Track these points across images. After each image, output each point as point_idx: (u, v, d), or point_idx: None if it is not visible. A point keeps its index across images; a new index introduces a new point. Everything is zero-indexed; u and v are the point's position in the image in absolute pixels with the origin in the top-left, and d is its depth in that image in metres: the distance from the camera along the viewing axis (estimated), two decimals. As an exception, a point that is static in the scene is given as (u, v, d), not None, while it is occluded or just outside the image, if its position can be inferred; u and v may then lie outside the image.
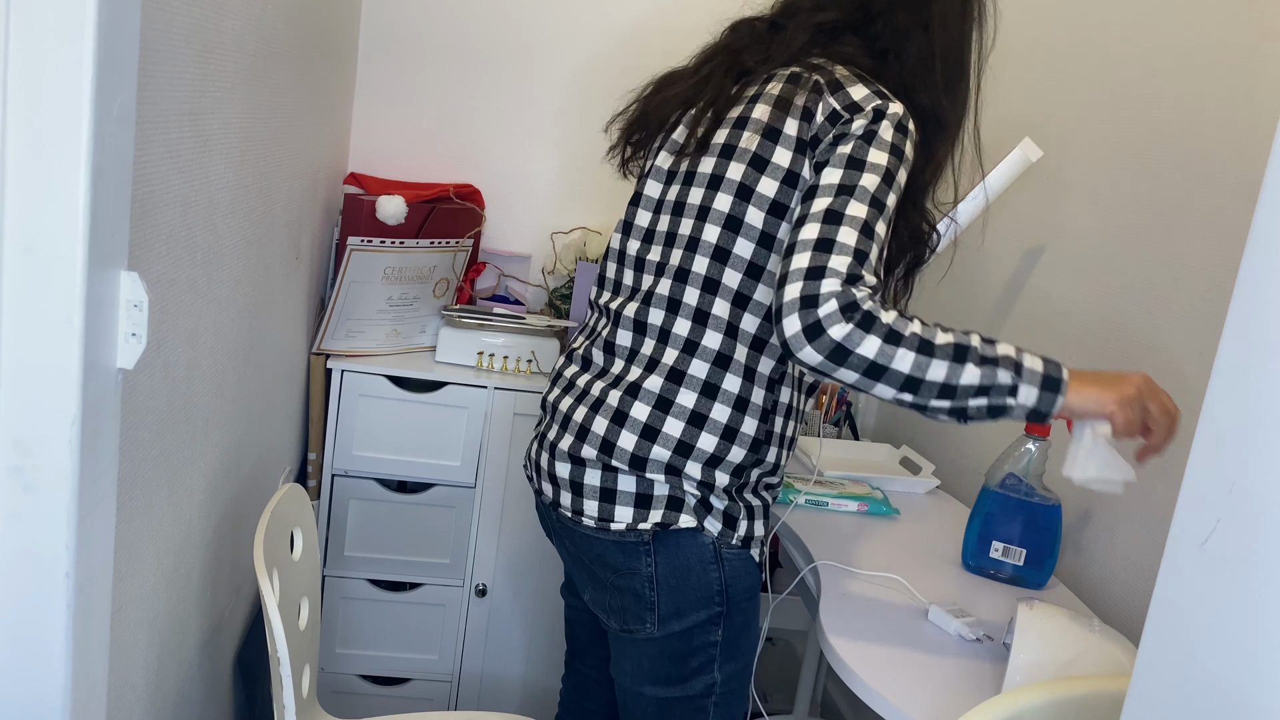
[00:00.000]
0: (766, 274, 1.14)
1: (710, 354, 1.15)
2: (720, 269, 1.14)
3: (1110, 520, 1.45)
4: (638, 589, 1.19)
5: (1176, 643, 0.61)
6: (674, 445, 1.15)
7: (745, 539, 1.20)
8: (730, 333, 1.15)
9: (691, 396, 1.16)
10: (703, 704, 1.22)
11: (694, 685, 1.21)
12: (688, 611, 1.19)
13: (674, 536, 1.17)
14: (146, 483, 1.04)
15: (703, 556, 1.17)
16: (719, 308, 1.15)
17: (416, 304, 1.99)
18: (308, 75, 1.60)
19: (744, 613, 1.22)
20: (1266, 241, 0.57)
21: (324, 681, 1.99)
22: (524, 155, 2.20)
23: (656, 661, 1.21)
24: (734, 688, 1.24)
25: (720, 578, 1.18)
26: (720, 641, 1.21)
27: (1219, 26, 1.35)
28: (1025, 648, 1.09)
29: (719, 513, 1.18)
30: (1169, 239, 1.41)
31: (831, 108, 1.11)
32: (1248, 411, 0.57)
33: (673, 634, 1.19)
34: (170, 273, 1.02)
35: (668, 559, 1.17)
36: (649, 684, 1.22)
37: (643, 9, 2.15)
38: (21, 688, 0.84)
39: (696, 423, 1.15)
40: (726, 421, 1.16)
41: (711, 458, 1.16)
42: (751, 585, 1.22)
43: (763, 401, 1.17)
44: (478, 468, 1.94)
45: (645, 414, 1.16)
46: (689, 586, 1.18)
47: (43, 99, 0.74)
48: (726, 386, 1.15)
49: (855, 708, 2.17)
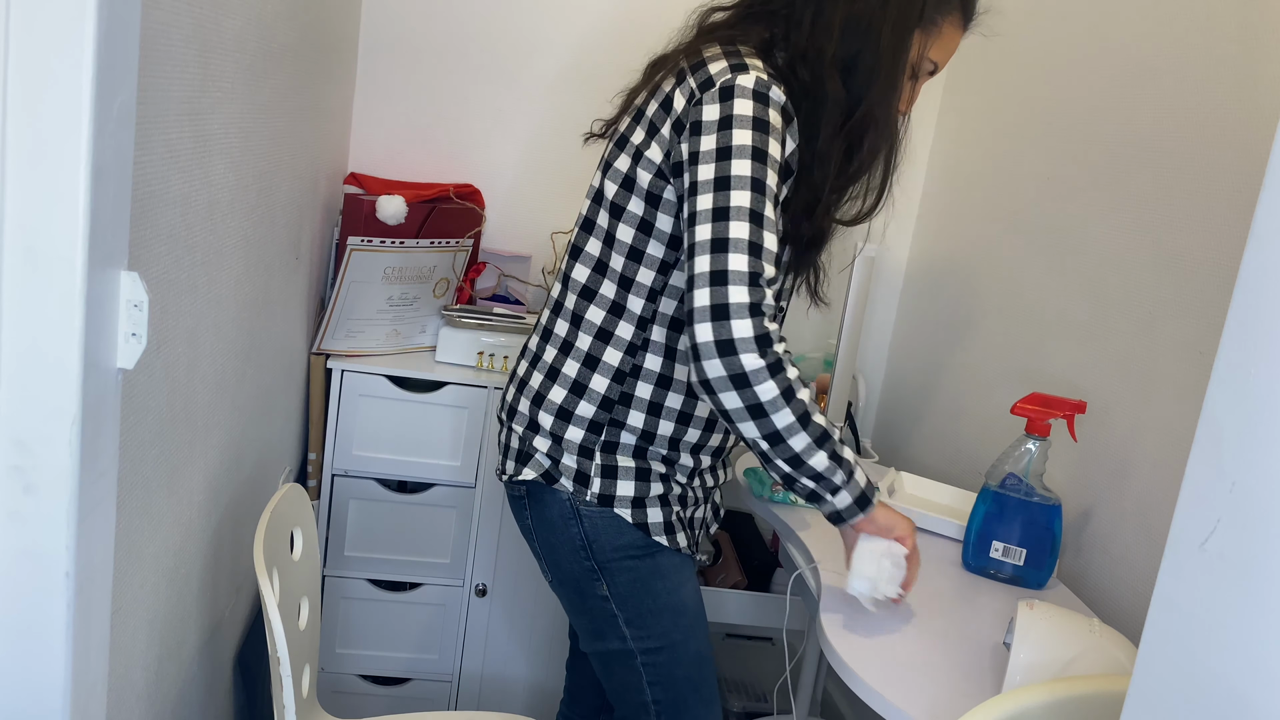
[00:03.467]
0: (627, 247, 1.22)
1: (568, 314, 1.26)
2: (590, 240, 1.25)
3: (1110, 520, 1.45)
4: (530, 542, 1.32)
5: (1176, 643, 0.61)
6: (532, 397, 1.27)
7: (603, 497, 1.24)
8: (586, 295, 1.25)
9: (552, 353, 1.27)
10: (631, 663, 1.29)
11: (610, 640, 1.29)
12: (562, 564, 1.28)
13: (538, 490, 1.27)
14: (146, 483, 1.04)
15: (562, 511, 1.26)
16: (591, 278, 1.25)
17: (416, 304, 1.99)
18: (308, 75, 1.60)
19: (629, 571, 1.26)
20: (1266, 241, 0.57)
21: (324, 681, 1.99)
22: (524, 155, 2.20)
23: (572, 614, 1.32)
24: (660, 653, 1.28)
25: (580, 533, 1.25)
26: (611, 599, 1.27)
27: (1219, 26, 1.35)
28: (1025, 648, 1.10)
29: (569, 470, 1.25)
30: (1169, 239, 1.41)
31: (690, 89, 1.16)
32: (1248, 411, 0.57)
33: (566, 585, 1.30)
34: (170, 273, 1.02)
35: (536, 512, 1.28)
36: (583, 639, 1.33)
37: (643, 9, 2.15)
38: (21, 688, 0.84)
39: (551, 376, 1.26)
40: (575, 376, 1.24)
41: (560, 409, 1.25)
42: (626, 544, 1.25)
43: (618, 362, 1.23)
44: (478, 468, 1.94)
45: (523, 369, 1.31)
46: (557, 540, 1.27)
47: (43, 99, 0.74)
48: (579, 344, 1.25)
49: (855, 708, 2.17)
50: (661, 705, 1.30)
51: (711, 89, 1.13)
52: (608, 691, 1.35)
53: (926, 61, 1.25)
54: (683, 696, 1.30)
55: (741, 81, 1.12)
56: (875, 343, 2.36)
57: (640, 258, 1.21)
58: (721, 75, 1.13)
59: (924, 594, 1.37)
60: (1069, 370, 1.61)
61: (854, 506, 1.18)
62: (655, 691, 1.29)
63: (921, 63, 1.24)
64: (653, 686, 1.29)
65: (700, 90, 1.14)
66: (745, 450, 1.89)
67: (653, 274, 1.22)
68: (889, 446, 2.27)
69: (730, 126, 1.10)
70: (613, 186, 1.23)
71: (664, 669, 1.29)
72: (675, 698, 1.30)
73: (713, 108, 1.12)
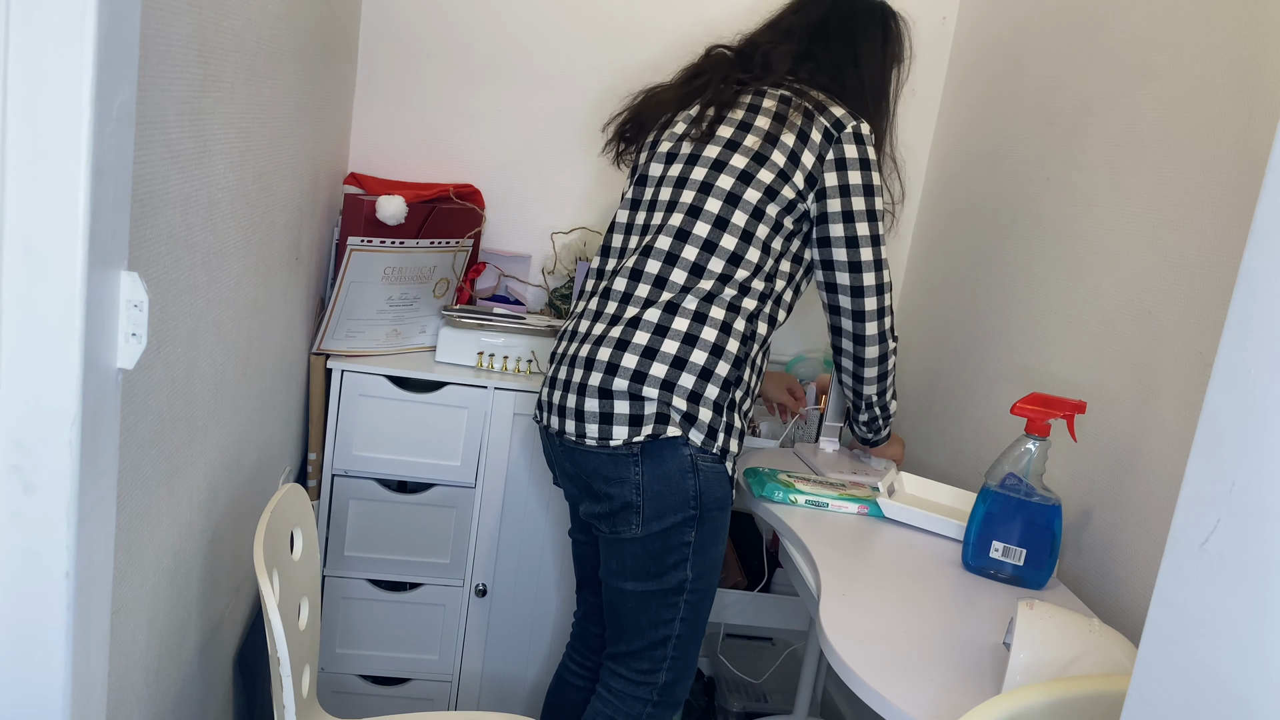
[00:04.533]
0: (754, 238, 1.45)
1: (702, 292, 1.43)
2: (719, 234, 1.44)
3: (1110, 520, 1.45)
4: (626, 495, 1.42)
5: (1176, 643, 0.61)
6: (670, 360, 1.40)
7: (723, 451, 1.43)
8: (722, 279, 1.43)
9: (685, 322, 1.42)
10: (674, 600, 1.46)
11: (669, 580, 1.45)
12: (666, 514, 1.42)
13: (658, 447, 1.40)
14: (146, 483, 1.04)
15: (681, 466, 1.41)
16: (713, 264, 1.43)
17: (416, 304, 1.99)
18: (308, 75, 1.60)
19: (714, 520, 1.45)
20: (1266, 241, 0.57)
21: (324, 681, 1.99)
22: (524, 155, 2.20)
23: (639, 559, 1.45)
24: (702, 590, 1.47)
25: (695, 485, 1.41)
26: (692, 544, 1.44)
27: (1219, 26, 1.35)
28: (1025, 648, 1.09)
29: (702, 424, 1.41)
30: (1169, 239, 1.41)
31: (824, 126, 1.45)
32: (1248, 411, 0.57)
33: (653, 534, 1.43)
34: (170, 273, 1.02)
35: (652, 468, 1.41)
36: (631, 580, 1.46)
37: (642, 9, 2.15)
38: (21, 688, 0.84)
39: (690, 342, 1.41)
40: (714, 340, 1.42)
41: (703, 370, 1.41)
42: (723, 496, 1.45)
43: (743, 329, 1.44)
44: (478, 468, 1.94)
45: (645, 339, 1.42)
46: (669, 492, 1.41)
47: (43, 99, 0.74)
48: (714, 314, 1.43)
49: (855, 708, 2.17)
50: (681, 639, 1.48)
51: (844, 129, 1.45)
52: (626, 627, 1.49)
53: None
54: (695, 632, 1.49)
55: (863, 129, 1.46)
56: (875, 343, 2.36)
57: (751, 239, 1.45)
58: (847, 119, 1.46)
59: (924, 594, 1.37)
60: (1069, 370, 1.61)
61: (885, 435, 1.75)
62: (682, 627, 1.47)
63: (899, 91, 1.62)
64: (683, 622, 1.47)
65: (834, 129, 1.45)
66: (747, 451, 1.89)
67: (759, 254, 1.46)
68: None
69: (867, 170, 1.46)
70: (729, 180, 1.45)
71: (696, 606, 1.48)
72: (692, 631, 1.49)
73: (854, 150, 1.45)
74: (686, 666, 1.51)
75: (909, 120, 2.25)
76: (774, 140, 1.46)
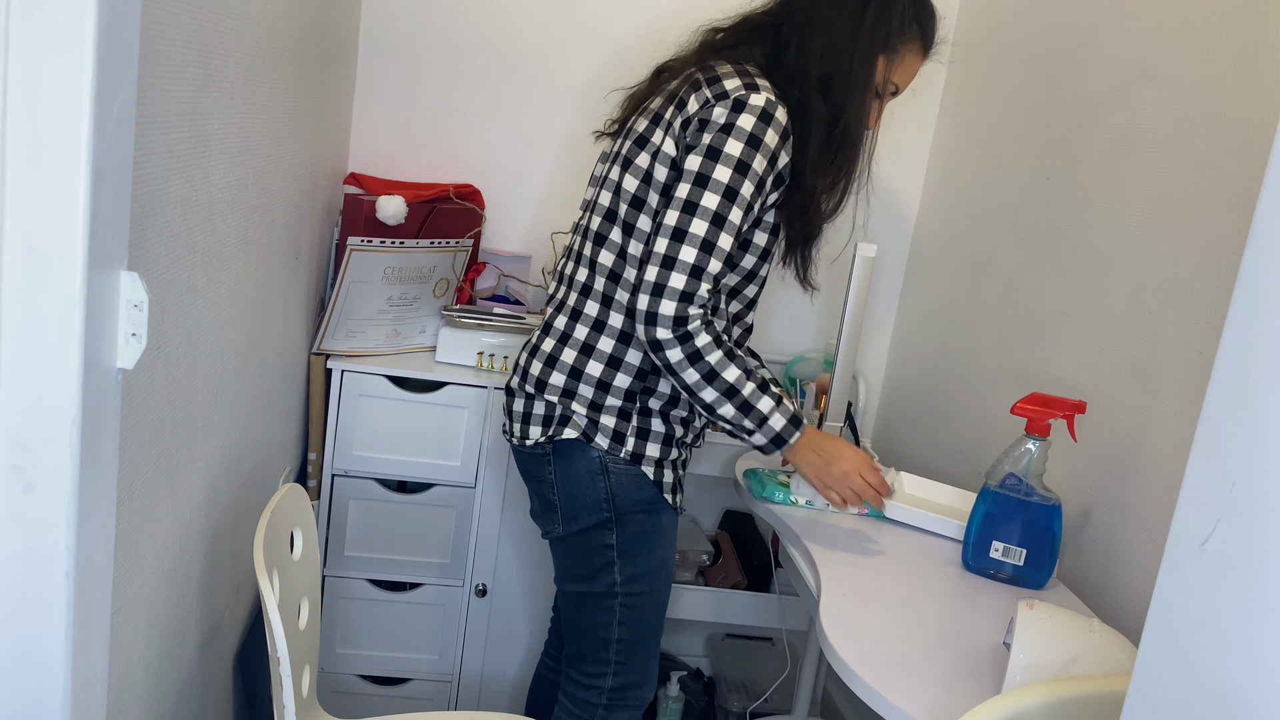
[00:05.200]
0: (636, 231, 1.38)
1: (598, 295, 1.41)
2: (614, 230, 1.40)
3: (1110, 520, 1.45)
4: (546, 494, 1.47)
5: (1176, 643, 0.61)
6: (568, 371, 1.42)
7: (634, 455, 1.42)
8: (613, 279, 1.40)
9: (584, 331, 1.42)
10: (609, 603, 1.46)
11: (599, 583, 1.45)
12: (581, 514, 1.43)
13: (568, 447, 1.42)
14: (146, 483, 1.04)
15: (591, 467, 1.42)
16: (616, 264, 1.40)
17: (416, 304, 1.99)
18: (308, 75, 1.60)
19: (638, 524, 1.44)
20: (1266, 241, 0.57)
21: (324, 681, 1.99)
22: (524, 155, 2.20)
23: (567, 559, 1.48)
24: (638, 594, 1.46)
25: (606, 487, 1.42)
26: (615, 546, 1.44)
27: (1219, 26, 1.35)
28: (1025, 648, 1.09)
29: (606, 429, 1.41)
30: (1169, 239, 1.41)
31: (705, 97, 1.33)
32: (1248, 411, 0.57)
33: (574, 533, 1.45)
34: (170, 273, 1.02)
35: (563, 467, 1.43)
36: (567, 580, 1.49)
37: (641, 11, 2.15)
38: (21, 688, 0.84)
39: (586, 352, 1.41)
40: (611, 351, 1.40)
41: (599, 382, 1.40)
42: (644, 500, 1.44)
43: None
44: (478, 468, 1.94)
45: (550, 346, 1.44)
46: (581, 493, 1.43)
47: (43, 99, 0.74)
48: (613, 323, 1.40)
49: (855, 708, 2.17)
50: (623, 643, 1.47)
51: (725, 99, 1.31)
52: (571, 629, 1.51)
53: (889, 84, 1.45)
54: (641, 638, 1.48)
55: (754, 100, 1.31)
56: (875, 343, 2.36)
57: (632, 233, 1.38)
58: (736, 90, 1.32)
59: (924, 594, 1.37)
60: (1069, 370, 1.61)
61: (770, 445, 1.40)
62: (622, 630, 1.47)
63: (885, 85, 1.44)
64: (621, 626, 1.47)
65: (715, 99, 1.32)
66: (745, 450, 1.89)
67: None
68: (889, 446, 2.27)
69: (728, 135, 1.30)
70: (634, 181, 1.38)
71: (636, 611, 1.47)
72: (636, 637, 1.48)
73: (722, 111, 1.31)
74: (637, 671, 1.50)
75: (911, 121, 2.25)
76: (658, 120, 1.38)
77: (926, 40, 1.47)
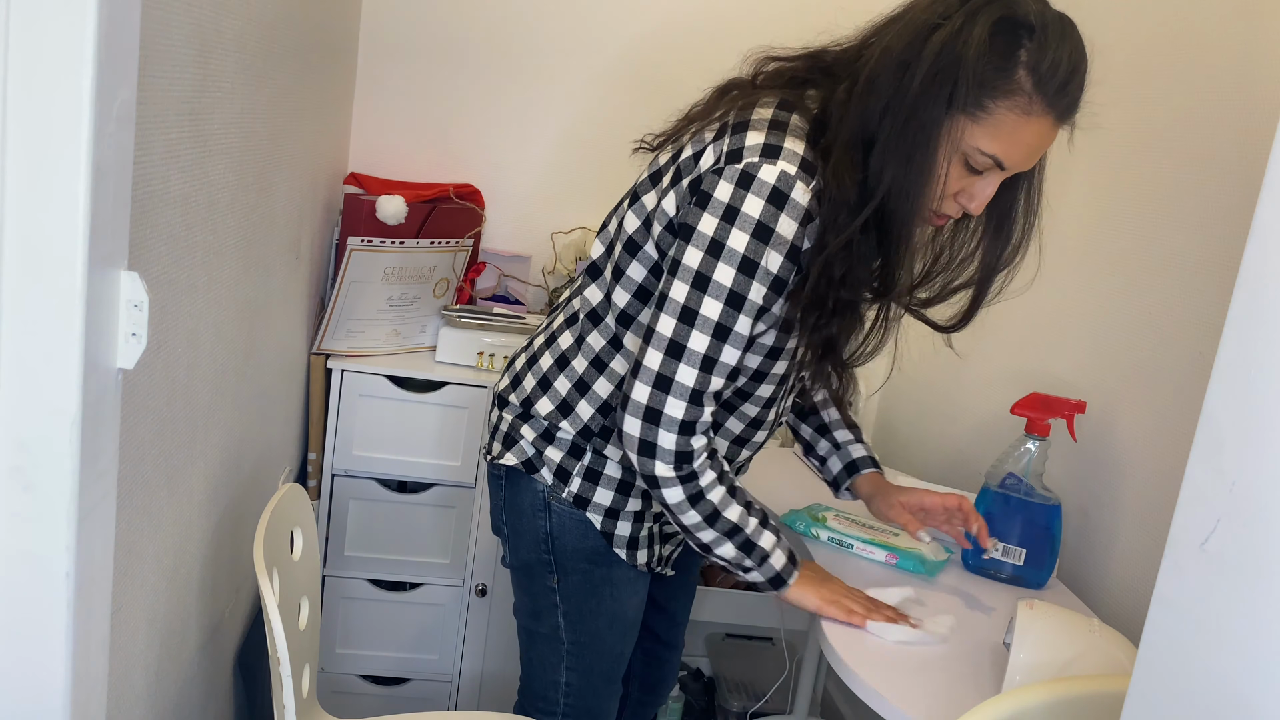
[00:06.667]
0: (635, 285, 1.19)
1: (577, 331, 1.26)
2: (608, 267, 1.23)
3: (1110, 520, 1.45)
4: (496, 518, 1.36)
5: (1176, 643, 0.61)
6: (531, 388, 1.28)
7: (579, 499, 1.25)
8: (593, 319, 1.24)
9: (559, 350, 1.27)
10: (556, 647, 1.33)
11: (544, 624, 1.33)
12: (521, 548, 1.31)
13: (516, 475, 1.29)
14: (146, 483, 1.04)
15: (534, 501, 1.28)
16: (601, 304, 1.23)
17: (416, 304, 1.99)
18: (308, 75, 1.60)
19: (583, 574, 1.28)
20: (1266, 241, 0.58)
21: (324, 681, 1.98)
22: (524, 156, 2.20)
23: (517, 590, 1.37)
24: (587, 649, 1.32)
25: (546, 527, 1.27)
26: (557, 591, 1.30)
27: (1219, 25, 1.35)
28: (1025, 648, 1.09)
29: (552, 463, 1.26)
30: (1169, 239, 1.41)
31: (720, 151, 1.09)
32: (1248, 411, 0.57)
33: (518, 566, 1.33)
34: (170, 273, 1.02)
35: (510, 495, 1.31)
36: (517, 611, 1.38)
37: (643, 11, 2.15)
38: (21, 688, 0.84)
39: (561, 365, 1.26)
40: (581, 374, 1.24)
41: (562, 403, 1.25)
42: (587, 549, 1.27)
43: (623, 370, 1.21)
44: (478, 468, 1.93)
45: (520, 362, 1.33)
46: (522, 527, 1.30)
47: (43, 99, 0.74)
48: (591, 342, 1.24)
49: (855, 708, 2.17)
50: (572, 688, 1.34)
51: (736, 163, 1.07)
52: (523, 660, 1.39)
53: (978, 154, 1.08)
54: (593, 685, 1.35)
55: (764, 174, 1.05)
56: (875, 343, 2.35)
57: (648, 298, 1.18)
58: (751, 153, 1.06)
59: (924, 594, 1.36)
60: (1069, 370, 1.61)
61: (768, 584, 1.25)
62: (570, 675, 1.34)
63: (972, 154, 1.08)
64: (569, 671, 1.34)
65: (726, 159, 1.08)
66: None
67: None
68: (888, 447, 2.27)
69: (731, 222, 1.06)
70: (635, 222, 1.18)
71: (585, 660, 1.33)
72: (586, 684, 1.35)
73: (726, 187, 1.07)
74: (590, 715, 1.36)
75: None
76: (675, 159, 1.16)
77: (1044, 94, 1.07)
